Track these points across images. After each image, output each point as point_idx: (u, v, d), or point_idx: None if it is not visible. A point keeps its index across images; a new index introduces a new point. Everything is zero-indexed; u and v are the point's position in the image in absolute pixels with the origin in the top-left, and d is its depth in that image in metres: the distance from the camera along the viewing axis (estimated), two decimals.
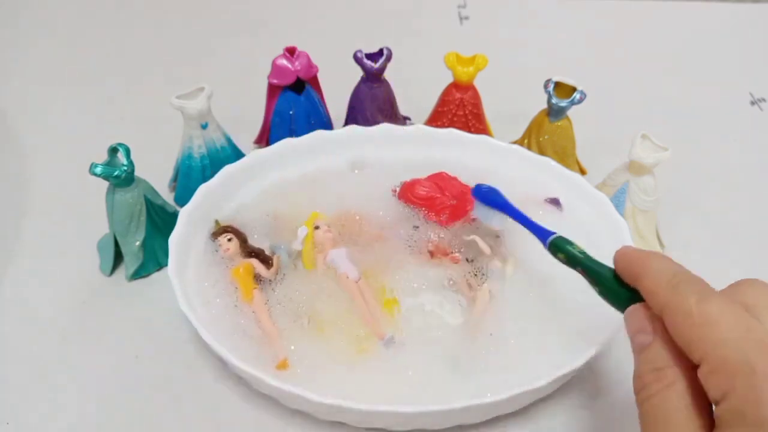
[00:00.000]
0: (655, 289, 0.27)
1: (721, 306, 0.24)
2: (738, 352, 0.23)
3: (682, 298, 0.25)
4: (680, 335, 0.25)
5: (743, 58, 0.71)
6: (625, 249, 0.30)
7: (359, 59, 0.50)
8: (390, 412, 0.33)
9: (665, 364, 0.25)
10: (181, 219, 0.41)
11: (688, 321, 0.24)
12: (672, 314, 0.25)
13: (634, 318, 0.28)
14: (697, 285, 0.26)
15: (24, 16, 0.75)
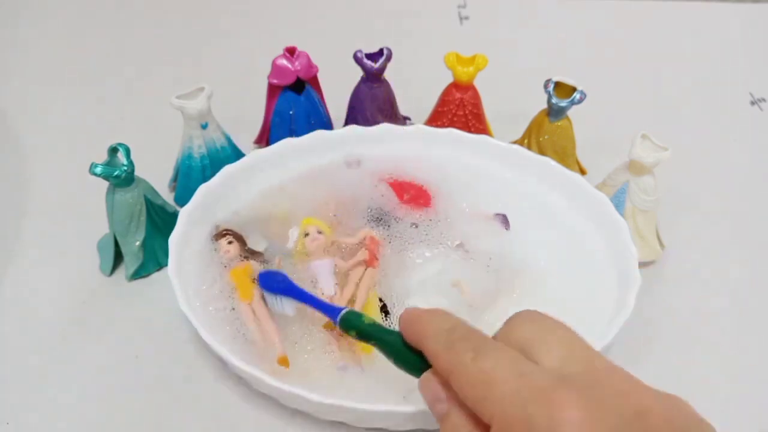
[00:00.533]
0: (436, 352, 0.26)
1: (495, 359, 0.24)
2: (517, 408, 0.22)
3: (458, 359, 0.25)
4: (466, 398, 0.24)
5: (743, 58, 0.71)
6: (408, 310, 0.29)
7: (359, 59, 0.50)
8: (390, 412, 0.33)
9: (467, 430, 0.25)
10: (181, 219, 0.41)
11: (468, 383, 0.24)
12: (453, 377, 0.25)
13: (426, 387, 0.27)
14: (472, 340, 0.25)
15: (24, 16, 0.75)
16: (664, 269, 0.47)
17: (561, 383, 0.23)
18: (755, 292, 0.46)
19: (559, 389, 0.22)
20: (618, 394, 0.23)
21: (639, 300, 0.37)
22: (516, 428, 0.22)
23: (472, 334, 0.26)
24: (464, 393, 0.25)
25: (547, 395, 0.22)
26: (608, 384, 0.23)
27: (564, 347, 0.25)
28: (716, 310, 0.44)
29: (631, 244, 0.41)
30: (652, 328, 0.42)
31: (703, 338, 0.42)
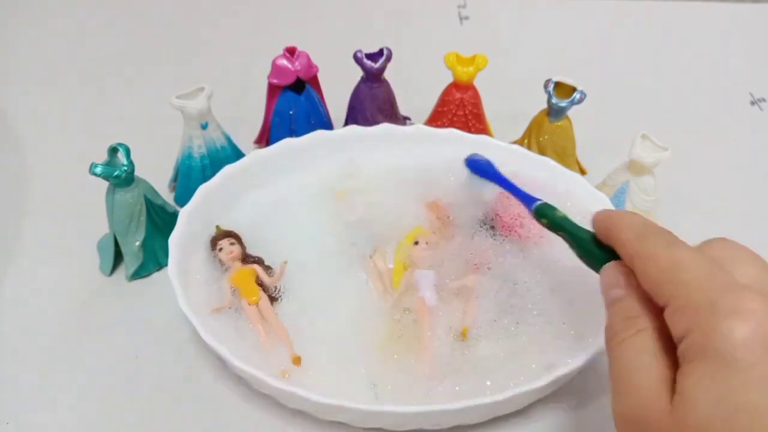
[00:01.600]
0: (626, 240, 0.28)
1: (687, 253, 0.26)
2: (700, 293, 0.24)
3: (650, 246, 0.27)
4: (648, 281, 0.26)
5: (743, 58, 0.71)
6: (602, 210, 0.31)
7: (359, 59, 0.50)
8: (390, 412, 0.33)
9: (636, 313, 0.26)
10: (181, 219, 0.41)
11: (656, 266, 0.26)
12: (641, 261, 0.26)
13: (608, 274, 0.29)
14: (666, 235, 0.27)
15: (24, 16, 0.75)
16: None
17: (748, 286, 0.24)
18: None
19: (747, 288, 0.23)
20: None
21: None
22: (695, 307, 0.23)
23: (666, 231, 0.28)
24: (647, 276, 0.26)
25: (734, 290, 0.23)
26: None
27: (756, 269, 0.26)
28: None
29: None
30: None
31: None
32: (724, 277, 0.24)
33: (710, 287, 0.24)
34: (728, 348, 0.22)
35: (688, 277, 0.24)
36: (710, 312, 0.23)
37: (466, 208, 0.44)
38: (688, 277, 0.24)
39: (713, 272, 0.24)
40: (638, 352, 0.25)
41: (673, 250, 0.26)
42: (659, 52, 0.71)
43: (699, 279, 0.24)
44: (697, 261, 0.25)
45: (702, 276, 0.24)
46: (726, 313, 0.23)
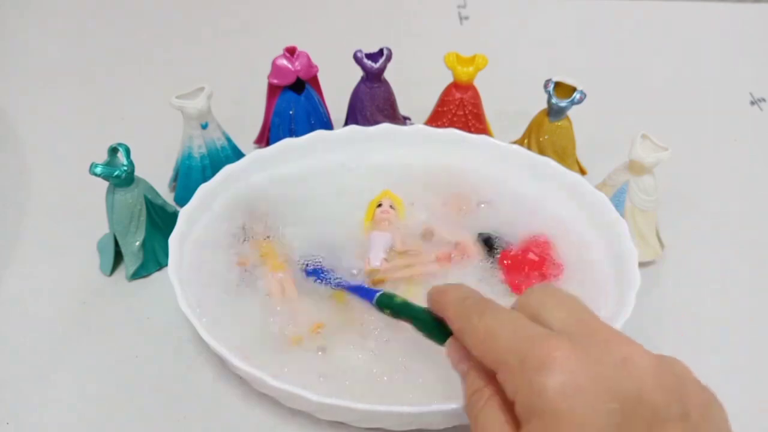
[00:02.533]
0: (451, 316, 0.29)
1: (498, 317, 0.27)
2: (512, 353, 0.25)
3: (468, 319, 0.28)
4: (476, 353, 0.27)
5: (743, 58, 0.71)
6: (433, 287, 0.31)
7: (359, 59, 0.50)
8: (390, 412, 0.33)
9: (481, 385, 0.27)
10: (181, 219, 0.41)
11: (476, 338, 0.27)
12: (465, 336, 0.28)
13: (451, 351, 0.29)
14: (480, 304, 0.28)
15: (24, 16, 0.75)
16: (664, 269, 0.47)
17: (553, 333, 0.25)
18: (755, 291, 0.46)
19: (551, 337, 0.24)
20: (607, 343, 0.24)
21: (639, 300, 0.37)
22: (512, 370, 0.24)
23: (482, 300, 0.29)
24: (473, 349, 0.27)
25: (539, 341, 0.24)
26: (601, 337, 0.25)
27: (564, 309, 0.26)
28: (716, 309, 0.44)
29: (631, 244, 0.40)
30: (652, 328, 0.42)
31: (703, 338, 0.42)
32: (530, 330, 0.25)
33: (519, 345, 0.25)
34: (546, 402, 0.23)
35: (501, 342, 0.25)
36: (523, 370, 0.24)
37: None
38: (500, 343, 0.25)
39: (520, 328, 0.25)
40: (489, 422, 0.26)
41: (485, 320, 0.27)
42: (659, 52, 0.71)
43: (509, 340, 0.25)
44: (507, 323, 0.26)
45: (511, 336, 0.25)
46: (536, 368, 0.23)
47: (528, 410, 0.23)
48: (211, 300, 0.39)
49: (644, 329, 0.42)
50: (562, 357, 0.23)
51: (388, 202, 0.45)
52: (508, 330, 0.26)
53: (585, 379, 0.23)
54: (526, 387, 0.23)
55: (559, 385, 0.23)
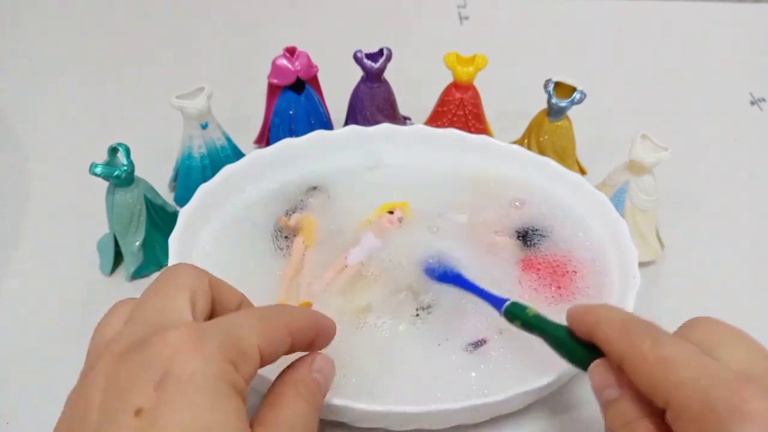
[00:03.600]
0: (610, 338, 0.27)
1: (675, 347, 0.25)
2: (697, 392, 0.23)
3: (636, 344, 0.25)
4: (640, 382, 0.25)
5: (743, 58, 0.71)
6: (575, 306, 0.30)
7: (359, 59, 0.50)
8: (390, 412, 0.33)
9: (636, 416, 0.25)
10: (181, 219, 0.41)
11: (646, 366, 0.25)
12: (629, 362, 0.26)
13: (598, 373, 0.28)
14: (650, 329, 0.26)
15: (24, 15, 0.75)
16: (664, 269, 0.47)
17: (745, 378, 0.23)
18: (755, 291, 0.46)
19: (745, 383, 0.22)
20: None
21: (639, 300, 0.37)
22: (696, 412, 0.23)
23: (650, 324, 0.27)
24: (639, 377, 0.25)
25: (731, 385, 0.22)
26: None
27: (744, 350, 0.25)
28: (716, 310, 0.44)
29: (631, 244, 0.40)
30: None
31: None
32: (715, 369, 0.23)
33: (706, 385, 0.23)
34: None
35: (681, 377, 0.24)
36: (712, 416, 0.22)
37: None
38: (680, 377, 0.24)
39: (704, 365, 0.24)
40: None
41: (660, 347, 0.25)
42: (659, 52, 0.71)
43: (693, 378, 0.23)
44: (687, 356, 0.24)
45: (695, 374, 0.23)
46: (730, 417, 0.22)
47: None
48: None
49: None
50: (759, 406, 0.22)
51: (400, 215, 0.44)
52: (689, 364, 0.24)
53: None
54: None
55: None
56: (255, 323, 0.26)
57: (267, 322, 0.27)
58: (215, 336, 0.25)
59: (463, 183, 0.47)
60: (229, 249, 0.43)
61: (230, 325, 0.26)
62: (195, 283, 0.27)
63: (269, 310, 0.29)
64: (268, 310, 0.29)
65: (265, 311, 0.28)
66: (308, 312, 0.31)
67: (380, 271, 0.41)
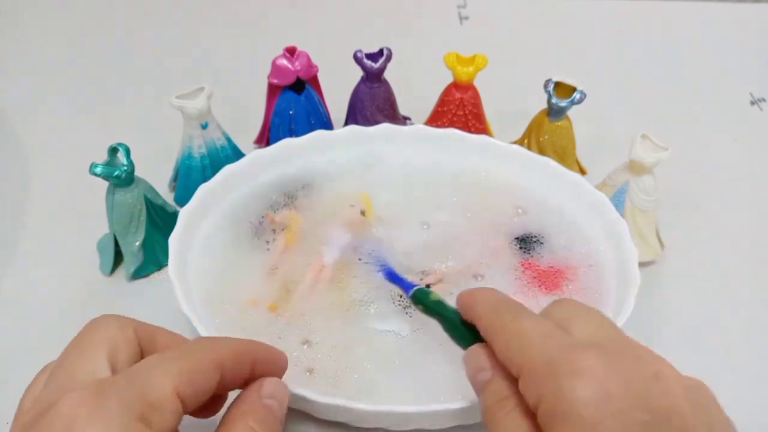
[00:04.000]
0: (481, 315, 0.29)
1: (531, 322, 0.26)
2: (542, 358, 0.24)
3: (500, 319, 0.27)
4: (501, 354, 0.27)
5: (743, 58, 0.71)
6: (463, 291, 0.31)
7: (359, 59, 0.50)
8: (390, 412, 0.33)
9: (506, 394, 0.26)
10: (181, 219, 0.41)
11: (505, 338, 0.26)
12: (493, 335, 0.27)
13: (471, 358, 0.29)
14: (514, 307, 0.28)
15: (24, 15, 0.75)
16: (664, 269, 0.47)
17: (585, 345, 0.25)
18: (755, 291, 0.46)
19: (583, 347, 0.24)
20: (638, 359, 0.24)
21: (639, 300, 0.37)
22: (539, 376, 0.24)
23: (516, 303, 0.29)
24: (500, 349, 0.27)
25: (571, 349, 0.24)
26: (631, 352, 0.25)
27: (593, 324, 0.26)
28: (716, 310, 0.44)
29: (630, 244, 0.40)
30: (652, 328, 0.42)
31: (704, 338, 0.42)
32: (561, 338, 0.25)
33: (548, 351, 0.24)
34: (574, 409, 0.22)
35: (529, 344, 0.25)
36: (551, 376, 0.23)
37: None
38: (529, 344, 0.25)
39: (551, 335, 0.25)
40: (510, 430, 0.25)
41: (517, 321, 0.27)
42: (659, 52, 0.71)
43: (538, 344, 0.25)
44: (538, 327, 0.26)
45: (540, 341, 0.25)
46: (566, 375, 0.23)
47: (553, 417, 0.23)
48: (212, 299, 0.39)
49: (644, 329, 0.42)
50: (594, 365, 0.23)
51: (361, 206, 0.45)
52: (539, 334, 0.25)
53: (617, 389, 0.22)
54: (554, 393, 0.23)
55: (591, 393, 0.22)
56: (171, 366, 0.25)
57: (186, 360, 0.25)
58: (118, 393, 0.23)
59: (463, 183, 0.47)
60: (228, 248, 0.43)
61: (138, 375, 0.24)
62: (116, 336, 0.26)
63: (192, 345, 0.27)
64: (189, 346, 0.27)
65: (187, 348, 0.27)
66: (241, 342, 0.28)
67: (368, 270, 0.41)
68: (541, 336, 0.25)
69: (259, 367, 0.28)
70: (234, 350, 0.27)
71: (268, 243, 0.43)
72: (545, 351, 0.24)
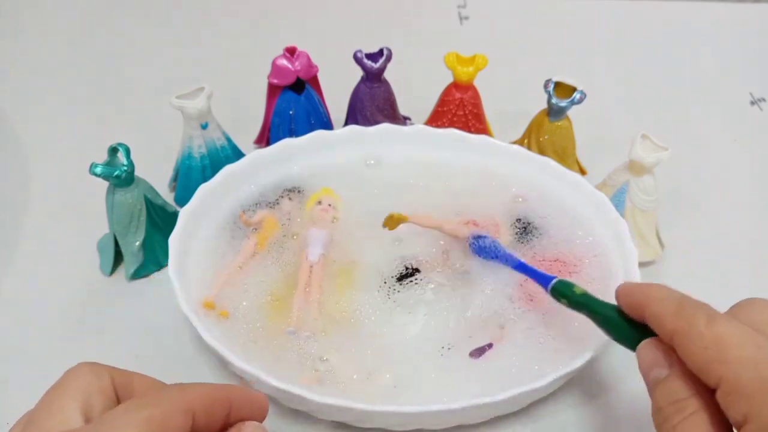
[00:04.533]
0: (662, 316, 0.27)
1: (730, 326, 0.24)
2: (753, 371, 0.23)
3: (690, 322, 0.25)
4: (693, 360, 0.25)
5: (743, 58, 0.71)
6: (626, 284, 0.30)
7: (359, 59, 0.50)
8: (390, 412, 0.33)
9: (685, 394, 0.25)
10: (181, 219, 0.41)
11: (700, 344, 0.24)
12: (682, 339, 0.25)
13: (646, 353, 0.28)
14: (704, 308, 0.26)
15: (24, 15, 0.75)
16: (664, 269, 0.47)
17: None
18: (755, 292, 0.45)
19: None
20: None
21: None
22: (750, 390, 0.22)
23: (704, 304, 0.27)
24: (691, 355, 0.25)
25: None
26: None
27: None
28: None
29: (631, 244, 0.41)
30: None
31: None
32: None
33: (762, 365, 0.23)
34: None
35: (736, 355, 0.23)
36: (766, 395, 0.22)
37: None
38: (735, 355, 0.23)
39: (761, 345, 0.24)
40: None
41: (715, 326, 0.25)
42: (659, 52, 0.71)
43: (748, 356, 0.23)
44: (742, 335, 0.24)
45: (750, 352, 0.23)
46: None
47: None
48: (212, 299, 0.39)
49: None
50: None
51: (328, 200, 0.45)
52: (746, 343, 0.24)
53: None
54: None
55: None
56: (138, 414, 0.24)
57: (154, 408, 0.24)
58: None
59: (463, 183, 0.47)
60: (228, 248, 0.43)
61: (104, 425, 0.24)
62: (90, 384, 0.26)
63: (163, 392, 0.27)
64: (160, 393, 0.26)
65: (157, 395, 0.26)
66: (215, 387, 0.27)
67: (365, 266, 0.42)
68: (745, 345, 0.23)
69: (237, 412, 0.27)
70: (206, 396, 0.26)
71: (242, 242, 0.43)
72: (756, 366, 0.23)
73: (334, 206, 0.45)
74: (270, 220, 0.44)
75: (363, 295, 0.40)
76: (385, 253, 0.43)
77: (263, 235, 0.43)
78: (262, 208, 0.45)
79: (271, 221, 0.44)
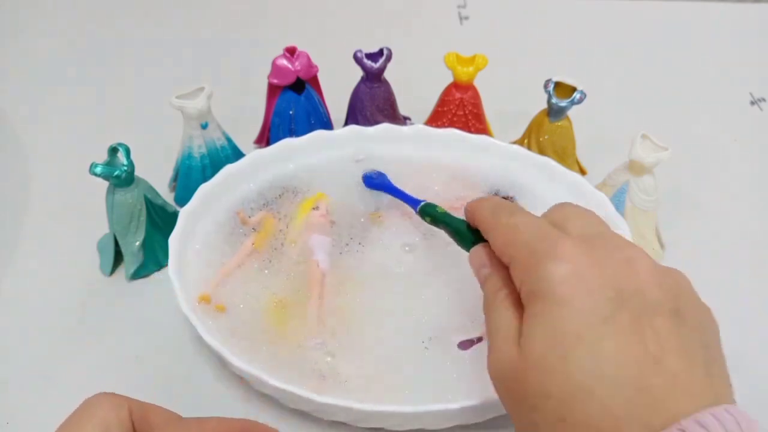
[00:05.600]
0: (482, 218, 0.32)
1: (524, 217, 0.29)
2: (528, 247, 0.27)
3: (497, 217, 0.30)
4: (496, 247, 0.29)
5: (743, 58, 0.71)
6: (470, 201, 0.34)
7: (359, 59, 0.50)
8: (390, 412, 0.33)
9: (501, 285, 0.29)
10: (181, 219, 0.41)
11: (499, 233, 0.29)
12: (490, 230, 0.30)
13: (475, 256, 0.32)
14: (510, 206, 0.31)
15: (24, 15, 0.75)
16: None
17: (568, 235, 0.27)
18: (755, 292, 0.46)
19: (565, 236, 0.27)
20: (615, 248, 0.26)
21: None
22: (524, 262, 0.27)
23: (513, 205, 0.31)
24: (495, 243, 0.29)
25: (553, 237, 0.27)
26: (610, 242, 0.27)
27: (583, 220, 0.29)
28: (716, 310, 0.44)
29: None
30: None
31: None
32: (548, 231, 0.27)
33: (534, 241, 0.27)
34: (549, 287, 0.25)
35: (521, 237, 0.28)
36: (533, 260, 0.26)
37: None
38: (520, 237, 0.28)
39: (540, 228, 0.28)
40: (500, 315, 0.28)
41: (512, 217, 0.29)
42: (659, 52, 0.71)
43: (528, 236, 0.28)
44: (531, 222, 0.28)
45: (530, 233, 0.28)
46: (544, 258, 0.26)
47: (532, 295, 0.26)
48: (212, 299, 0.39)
49: None
50: (572, 251, 0.25)
51: (325, 206, 0.45)
52: (530, 228, 0.28)
53: (588, 270, 0.25)
54: (533, 273, 0.26)
55: (564, 273, 0.25)
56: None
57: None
58: None
59: (463, 183, 0.47)
60: (225, 248, 0.43)
61: None
62: (110, 416, 0.27)
63: (180, 427, 0.28)
64: (177, 428, 0.28)
65: (174, 430, 0.27)
66: (231, 421, 0.29)
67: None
68: (530, 229, 0.28)
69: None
70: (223, 430, 0.28)
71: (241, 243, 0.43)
72: (532, 242, 0.27)
73: (329, 211, 0.45)
74: (269, 221, 0.44)
75: (363, 295, 0.40)
76: (386, 249, 0.43)
77: (262, 235, 0.43)
78: (262, 208, 0.45)
79: (270, 221, 0.44)
